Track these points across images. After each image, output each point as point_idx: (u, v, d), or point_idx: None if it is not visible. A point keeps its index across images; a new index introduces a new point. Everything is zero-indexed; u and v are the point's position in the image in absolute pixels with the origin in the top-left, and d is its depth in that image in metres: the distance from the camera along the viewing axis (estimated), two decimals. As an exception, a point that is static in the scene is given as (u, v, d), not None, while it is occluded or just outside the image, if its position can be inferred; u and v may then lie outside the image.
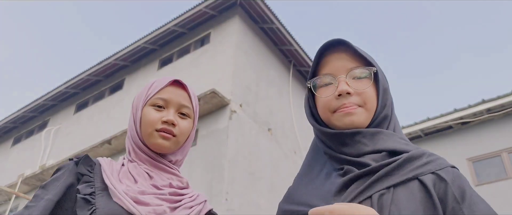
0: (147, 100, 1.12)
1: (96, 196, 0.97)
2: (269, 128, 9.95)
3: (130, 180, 1.04)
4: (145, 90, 1.15)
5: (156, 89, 1.12)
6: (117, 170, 1.06)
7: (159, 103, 1.11)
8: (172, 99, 1.11)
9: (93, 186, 0.99)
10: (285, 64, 12.01)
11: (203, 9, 10.75)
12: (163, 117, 1.09)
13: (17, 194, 4.85)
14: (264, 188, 8.68)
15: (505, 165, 9.08)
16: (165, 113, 1.10)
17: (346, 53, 0.93)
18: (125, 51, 11.97)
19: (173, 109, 1.11)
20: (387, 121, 0.93)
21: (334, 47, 0.94)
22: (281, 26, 11.03)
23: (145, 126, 1.10)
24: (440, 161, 0.84)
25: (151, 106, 1.11)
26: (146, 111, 1.11)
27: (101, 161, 1.07)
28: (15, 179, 11.60)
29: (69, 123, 12.99)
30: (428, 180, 0.79)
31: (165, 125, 1.09)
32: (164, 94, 1.12)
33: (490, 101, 9.58)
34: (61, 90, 13.35)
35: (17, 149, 14.24)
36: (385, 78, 0.97)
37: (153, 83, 1.15)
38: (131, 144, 1.14)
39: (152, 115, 1.09)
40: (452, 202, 0.77)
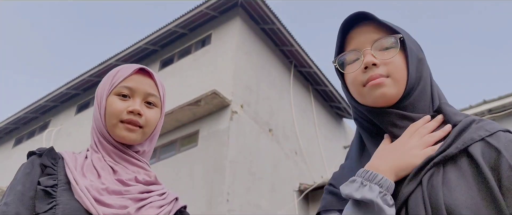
0: (111, 89, 1.07)
1: (58, 190, 0.92)
2: (270, 128, 9.95)
3: (93, 174, 0.99)
4: (109, 78, 1.10)
5: (121, 78, 1.07)
6: (80, 163, 1.01)
7: (124, 92, 1.06)
8: (138, 88, 1.06)
9: (56, 179, 0.95)
10: (286, 65, 12.01)
11: (204, 10, 10.76)
12: (129, 106, 1.04)
13: (19, 195, 4.86)
14: (265, 189, 8.68)
15: (506, 165, 9.07)
16: (131, 102, 1.05)
17: (370, 26, 0.89)
18: (125, 52, 11.99)
19: (139, 99, 1.06)
20: (427, 94, 0.87)
21: (356, 23, 0.90)
22: (282, 26, 11.04)
23: (109, 117, 1.04)
24: (489, 126, 0.79)
25: (116, 95, 1.06)
26: (110, 101, 1.05)
27: (64, 154, 1.04)
28: (16, 180, 11.59)
29: (70, 124, 13.01)
30: (476, 151, 0.74)
31: (131, 115, 1.03)
32: (129, 82, 1.06)
33: (492, 101, 9.56)
34: (62, 91, 13.37)
35: (19, 150, 14.26)
36: (418, 47, 0.91)
37: (118, 71, 1.10)
38: (96, 134, 1.08)
39: (116, 105, 1.04)
40: (507, 170, 0.69)
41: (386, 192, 0.73)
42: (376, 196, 0.72)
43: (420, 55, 0.89)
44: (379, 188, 0.73)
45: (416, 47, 0.90)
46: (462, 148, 0.75)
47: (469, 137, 0.76)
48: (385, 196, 0.73)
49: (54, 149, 1.05)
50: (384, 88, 0.83)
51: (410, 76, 0.84)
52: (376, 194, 0.72)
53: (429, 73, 0.90)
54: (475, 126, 0.79)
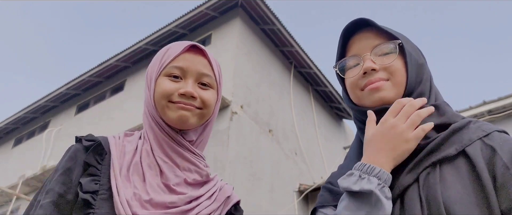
0: (161, 70, 0.96)
1: (98, 199, 0.82)
2: (270, 129, 9.95)
3: (139, 175, 0.88)
4: (158, 58, 1.00)
5: (171, 57, 0.96)
6: (128, 161, 0.89)
7: (175, 72, 0.94)
8: (189, 68, 0.95)
9: (98, 183, 0.85)
10: (286, 65, 12.01)
11: (204, 10, 10.76)
12: (180, 88, 0.93)
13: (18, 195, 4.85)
14: (265, 189, 8.67)
15: (506, 166, 9.08)
16: (183, 84, 0.94)
17: (370, 32, 0.91)
18: (126, 52, 11.99)
19: (191, 79, 0.95)
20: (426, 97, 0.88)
21: (357, 29, 0.92)
22: (282, 27, 11.04)
23: (158, 98, 0.93)
24: (485, 127, 0.81)
25: (166, 77, 0.95)
26: (160, 82, 0.95)
27: (112, 147, 0.92)
28: (16, 180, 11.60)
29: (70, 124, 13.00)
30: (473, 150, 0.76)
31: (183, 98, 0.92)
32: (180, 62, 0.95)
33: (491, 102, 9.56)
34: (62, 91, 13.37)
35: (18, 150, 14.26)
36: (418, 53, 0.93)
37: (168, 50, 1.00)
38: (147, 119, 0.97)
39: (166, 85, 0.93)
40: (501, 168, 0.72)
41: (384, 184, 0.75)
42: (375, 187, 0.73)
43: (420, 60, 0.90)
44: (378, 180, 0.74)
45: (416, 52, 0.91)
46: (460, 149, 0.76)
47: (467, 138, 0.78)
48: (384, 188, 0.74)
49: (101, 143, 0.92)
50: (383, 92, 0.85)
51: (409, 80, 0.86)
52: (375, 186, 0.73)
53: (429, 77, 0.91)
54: (473, 126, 0.81)
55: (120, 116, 11.36)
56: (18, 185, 10.61)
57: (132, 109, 11.12)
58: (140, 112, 7.18)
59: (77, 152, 0.89)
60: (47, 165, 11.55)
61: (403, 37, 0.91)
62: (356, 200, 0.74)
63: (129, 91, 11.96)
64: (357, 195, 0.74)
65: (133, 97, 11.57)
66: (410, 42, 0.92)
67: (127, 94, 11.93)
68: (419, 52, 0.93)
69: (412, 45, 0.92)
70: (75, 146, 0.91)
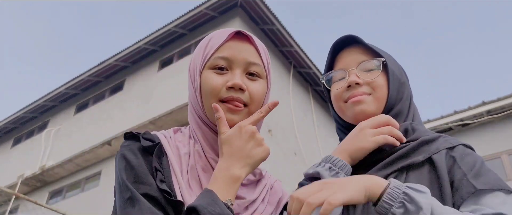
0: (205, 63, 0.89)
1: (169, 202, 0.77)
2: (269, 129, 9.95)
3: (197, 182, 0.83)
4: (201, 50, 0.91)
5: (214, 47, 0.88)
6: (185, 166, 0.84)
7: (220, 63, 0.87)
8: (235, 57, 0.88)
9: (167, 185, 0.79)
10: (286, 66, 12.02)
11: (204, 10, 10.76)
12: (228, 81, 0.86)
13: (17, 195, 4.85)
14: (264, 190, 8.68)
15: (505, 167, 9.07)
16: (229, 76, 0.87)
17: (358, 48, 0.97)
18: (125, 52, 11.98)
19: (239, 70, 0.87)
20: (404, 115, 0.95)
21: (345, 44, 0.99)
22: (282, 27, 11.04)
23: (206, 97, 0.87)
24: (452, 140, 0.88)
25: (211, 69, 0.88)
26: (205, 77, 0.87)
27: (167, 150, 0.85)
28: (15, 180, 11.59)
29: (69, 124, 12.99)
30: (438, 158, 0.82)
31: (231, 92, 0.85)
32: (225, 51, 0.88)
33: (491, 102, 9.57)
34: (61, 91, 13.35)
35: (17, 149, 14.25)
36: (401, 72, 0.99)
37: (211, 39, 0.92)
38: (194, 119, 0.92)
39: (212, 81, 0.86)
40: (458, 175, 0.79)
41: (339, 171, 0.83)
42: (324, 170, 0.83)
43: (402, 78, 0.97)
44: (331, 165, 0.84)
45: (399, 71, 0.98)
46: (427, 156, 0.83)
47: (435, 147, 0.85)
48: (338, 174, 0.82)
49: (162, 145, 0.85)
50: (364, 105, 0.92)
51: (390, 96, 0.93)
52: (325, 169, 0.83)
53: (409, 96, 0.98)
54: (441, 139, 0.88)
55: (119, 115, 11.35)
56: (17, 184, 10.60)
57: (131, 109, 11.11)
58: (139, 111, 7.27)
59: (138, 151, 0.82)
60: (46, 164, 11.54)
61: (388, 55, 0.98)
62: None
63: (129, 90, 11.96)
64: (314, 180, 0.82)
65: (132, 96, 11.56)
66: (394, 61, 0.99)
67: (126, 94, 11.93)
68: (402, 71, 1.00)
69: (396, 64, 0.99)
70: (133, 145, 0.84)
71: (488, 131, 9.64)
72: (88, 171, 11.20)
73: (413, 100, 1.01)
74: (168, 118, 9.49)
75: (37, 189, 11.98)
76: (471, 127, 9.87)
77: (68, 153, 11.29)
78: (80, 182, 11.35)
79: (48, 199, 11.69)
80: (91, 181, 11.11)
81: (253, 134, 0.84)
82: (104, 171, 10.70)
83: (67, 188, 11.59)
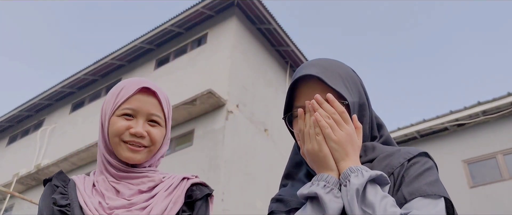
0: (114, 110, 1.06)
1: (72, 208, 0.97)
2: (265, 128, 9.96)
3: (100, 196, 1.02)
4: (113, 98, 1.08)
5: (123, 98, 1.05)
6: (89, 187, 1.05)
7: (127, 112, 1.04)
8: (140, 108, 1.05)
9: (68, 198, 1.00)
10: (282, 65, 12.02)
11: (200, 9, 10.74)
12: (132, 128, 1.03)
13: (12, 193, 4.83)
14: (260, 189, 8.68)
15: (500, 167, 9.12)
16: (134, 123, 1.04)
17: (317, 84, 0.93)
18: (121, 50, 11.95)
19: (142, 119, 1.05)
20: (367, 136, 0.98)
21: (305, 78, 0.95)
22: (278, 26, 11.04)
23: (112, 136, 1.05)
24: (411, 151, 0.92)
25: (119, 116, 1.05)
26: (113, 121, 1.05)
27: (75, 179, 1.08)
28: (10, 179, 11.54)
29: (65, 122, 12.95)
30: (396, 170, 0.89)
31: (134, 137, 1.03)
32: (132, 103, 1.05)
33: (486, 103, 9.61)
34: (57, 90, 13.30)
35: (13, 148, 14.19)
36: (361, 94, 0.98)
37: (121, 90, 1.08)
38: (101, 155, 1.09)
39: (118, 125, 1.03)
40: (406, 178, 0.86)
41: (333, 187, 0.85)
42: (320, 189, 0.84)
43: (361, 100, 0.97)
44: (325, 183, 0.85)
45: (358, 93, 0.97)
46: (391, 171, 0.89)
47: (397, 161, 0.90)
48: (332, 190, 0.84)
49: (64, 173, 1.10)
50: None
51: None
52: (320, 188, 0.84)
53: (369, 115, 0.99)
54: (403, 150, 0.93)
55: (115, 114, 11.32)
56: (12, 183, 10.56)
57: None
58: (135, 110, 7.02)
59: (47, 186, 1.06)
60: (42, 163, 11.50)
61: (346, 80, 0.96)
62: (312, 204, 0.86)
63: (125, 89, 11.92)
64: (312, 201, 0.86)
65: (128, 95, 11.53)
66: (352, 83, 0.97)
67: (122, 93, 11.89)
68: (360, 88, 0.99)
69: (354, 84, 0.98)
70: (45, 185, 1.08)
71: (484, 131, 9.68)
72: (83, 169, 11.17)
73: (375, 116, 1.02)
74: (164, 117, 9.50)
75: (32, 188, 11.94)
76: (467, 127, 9.92)
77: (64, 151, 11.25)
78: (75, 181, 11.31)
79: (43, 198, 11.64)
80: (87, 180, 11.07)
81: None
82: (100, 170, 10.67)
83: (63, 187, 11.55)
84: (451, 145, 9.92)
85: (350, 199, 0.80)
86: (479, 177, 9.34)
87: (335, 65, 0.98)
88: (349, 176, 0.82)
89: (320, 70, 0.94)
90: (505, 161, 9.15)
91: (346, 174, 0.83)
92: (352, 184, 0.80)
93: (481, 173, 9.35)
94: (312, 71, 0.93)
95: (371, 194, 0.80)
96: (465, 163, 9.57)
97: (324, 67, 0.95)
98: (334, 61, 1.01)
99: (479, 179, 9.30)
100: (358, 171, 0.82)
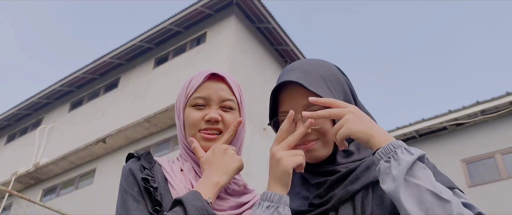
0: (186, 102, 1.07)
1: (160, 192, 0.95)
2: (264, 127, 9.96)
3: (188, 183, 1.00)
4: (183, 90, 1.09)
5: (193, 88, 1.06)
6: (178, 172, 1.03)
7: (199, 102, 1.05)
8: (211, 96, 1.05)
9: (155, 181, 0.96)
10: (281, 64, 12.02)
11: (200, 8, 10.73)
12: (206, 115, 1.04)
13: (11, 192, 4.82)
14: (259, 188, 8.65)
15: (498, 166, 9.13)
16: (208, 110, 1.05)
17: (299, 88, 0.93)
18: (120, 49, 11.93)
19: (215, 106, 1.05)
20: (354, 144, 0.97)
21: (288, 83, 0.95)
22: (277, 25, 11.04)
23: (188, 129, 1.06)
24: None
25: (192, 107, 1.06)
26: (187, 113, 1.06)
27: (159, 160, 1.05)
28: (8, 177, 11.53)
29: (64, 121, 12.93)
30: None
31: (209, 124, 1.03)
32: (203, 91, 1.05)
33: (484, 102, 9.62)
34: (56, 88, 13.29)
35: (11, 147, 14.17)
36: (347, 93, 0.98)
37: (191, 81, 1.09)
38: (183, 147, 1.10)
39: (193, 116, 1.04)
40: None
41: (277, 204, 0.86)
42: (263, 212, 0.85)
43: (347, 98, 0.97)
44: (268, 202, 0.86)
45: (344, 94, 0.97)
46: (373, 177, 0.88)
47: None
48: (278, 208, 0.85)
49: (150, 153, 1.06)
50: (315, 152, 0.93)
51: None
52: (263, 210, 0.85)
53: None
54: None
55: (114, 113, 11.31)
56: (11, 182, 10.54)
57: (126, 106, 11.08)
58: (134, 109, 7.23)
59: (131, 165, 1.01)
60: (40, 162, 11.49)
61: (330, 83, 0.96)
62: None
63: (123, 88, 11.92)
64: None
65: (127, 94, 11.53)
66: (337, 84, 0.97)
67: (121, 91, 11.89)
68: (346, 88, 0.99)
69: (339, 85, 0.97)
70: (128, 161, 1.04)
71: (482, 131, 9.70)
72: (82, 168, 11.16)
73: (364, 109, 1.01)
74: (163, 116, 9.47)
75: (30, 187, 11.93)
76: (465, 126, 9.93)
77: (62, 150, 11.24)
78: (74, 179, 11.31)
79: (41, 196, 11.64)
80: (85, 179, 11.07)
81: (225, 151, 1.01)
82: (98, 168, 10.67)
83: (61, 185, 11.55)
84: (450, 145, 9.93)
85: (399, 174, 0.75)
86: (477, 176, 9.35)
87: (318, 66, 0.97)
88: (394, 152, 0.78)
89: (301, 74, 0.93)
90: (504, 161, 9.16)
91: (389, 150, 0.79)
92: (402, 159, 0.76)
93: (480, 173, 9.36)
94: (292, 77, 0.93)
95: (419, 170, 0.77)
96: (464, 163, 9.58)
97: (306, 70, 0.95)
98: (317, 62, 1.00)
99: (478, 179, 9.31)
100: (400, 147, 0.79)
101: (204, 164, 1.00)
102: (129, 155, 1.07)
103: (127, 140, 10.28)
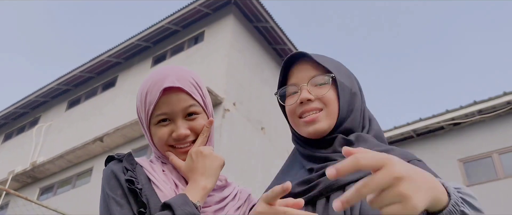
0: (148, 121, 1.01)
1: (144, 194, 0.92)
2: (262, 127, 9.95)
3: (171, 183, 0.98)
4: (142, 106, 1.03)
5: (152, 105, 0.99)
6: (160, 174, 1.00)
7: (162, 118, 0.99)
8: (173, 110, 0.99)
9: (139, 183, 0.94)
10: (279, 63, 12.02)
11: (198, 7, 10.72)
12: (173, 131, 0.99)
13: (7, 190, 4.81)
14: (257, 187, 8.68)
15: (495, 166, 9.15)
16: (173, 125, 1.00)
17: (309, 64, 0.99)
18: (118, 48, 11.91)
19: (179, 118, 1.00)
20: (356, 126, 0.98)
21: (298, 59, 1.02)
22: (276, 25, 11.04)
23: (159, 146, 1.02)
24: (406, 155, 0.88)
25: (156, 125, 1.00)
26: (153, 131, 1.01)
27: (140, 161, 1.02)
28: (5, 176, 11.50)
29: (61, 120, 12.90)
30: None
31: (179, 142, 1.00)
32: (162, 108, 0.99)
33: (482, 102, 9.64)
34: (53, 87, 13.25)
35: (8, 145, 14.13)
36: (353, 82, 1.02)
37: (146, 96, 1.01)
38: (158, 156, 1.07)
39: (160, 134, 1.00)
40: None
41: None
42: None
43: (353, 89, 1.00)
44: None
45: (350, 81, 1.01)
46: None
47: None
48: None
49: (132, 155, 1.03)
50: (316, 124, 0.95)
51: (341, 109, 0.96)
52: None
53: (361, 106, 1.01)
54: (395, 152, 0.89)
55: (111, 111, 11.29)
56: (8, 180, 10.52)
57: (123, 105, 11.06)
58: (131, 107, 7.22)
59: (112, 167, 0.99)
60: (37, 160, 11.46)
61: (339, 67, 1.01)
62: None
63: (121, 86, 11.89)
64: None
65: (124, 92, 11.51)
66: (345, 72, 1.02)
67: (118, 90, 11.86)
68: (353, 81, 1.03)
69: (347, 74, 1.02)
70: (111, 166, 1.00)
71: (479, 131, 9.72)
72: (80, 167, 11.14)
73: (367, 109, 1.04)
74: (161, 115, 9.47)
75: (27, 185, 11.89)
76: (463, 126, 9.95)
77: (59, 149, 11.22)
78: (71, 178, 11.28)
79: (39, 195, 11.60)
80: (82, 178, 11.04)
81: (202, 153, 0.99)
82: (96, 167, 10.65)
83: (58, 184, 11.52)
84: (447, 144, 9.95)
85: None
86: (474, 176, 9.37)
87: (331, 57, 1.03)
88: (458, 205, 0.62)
89: (313, 53, 1.00)
90: (501, 160, 9.19)
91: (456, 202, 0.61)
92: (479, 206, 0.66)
93: (477, 172, 9.38)
94: (304, 53, 0.99)
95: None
96: (461, 162, 9.60)
97: (318, 53, 1.01)
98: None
99: (475, 178, 9.33)
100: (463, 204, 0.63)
101: (186, 173, 0.99)
102: (108, 157, 1.03)
103: (125, 139, 10.26)
